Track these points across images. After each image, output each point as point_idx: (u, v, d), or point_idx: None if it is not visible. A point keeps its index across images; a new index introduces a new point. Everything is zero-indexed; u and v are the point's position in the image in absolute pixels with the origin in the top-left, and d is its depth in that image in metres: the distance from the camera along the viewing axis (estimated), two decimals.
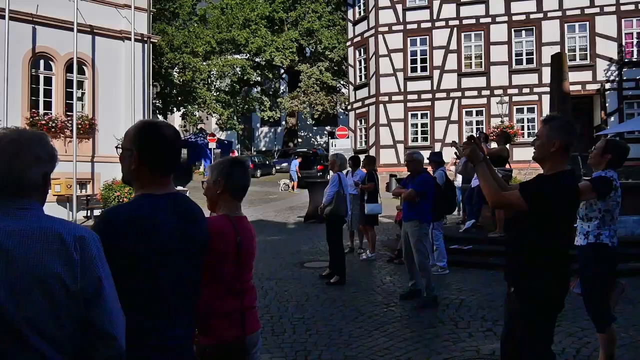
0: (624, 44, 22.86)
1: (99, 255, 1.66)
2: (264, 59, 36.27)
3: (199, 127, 38.35)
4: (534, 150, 3.10)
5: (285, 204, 21.02)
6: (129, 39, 17.25)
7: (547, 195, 2.90)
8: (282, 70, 40.64)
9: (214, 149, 30.23)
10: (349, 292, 7.42)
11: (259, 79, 39.69)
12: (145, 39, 18.01)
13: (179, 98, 32.09)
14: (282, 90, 42.43)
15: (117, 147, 2.13)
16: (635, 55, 22.90)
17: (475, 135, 3.61)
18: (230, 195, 2.64)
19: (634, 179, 19.43)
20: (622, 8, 22.69)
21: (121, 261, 1.81)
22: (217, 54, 33.99)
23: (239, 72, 35.61)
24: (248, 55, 36.26)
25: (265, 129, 46.49)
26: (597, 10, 22.89)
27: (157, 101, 31.69)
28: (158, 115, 31.52)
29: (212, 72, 34.22)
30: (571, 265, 3.10)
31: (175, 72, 32.69)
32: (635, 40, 22.95)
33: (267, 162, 35.32)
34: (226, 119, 34.34)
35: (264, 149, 45.61)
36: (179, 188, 20.43)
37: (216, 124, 37.81)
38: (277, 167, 34.03)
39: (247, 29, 34.61)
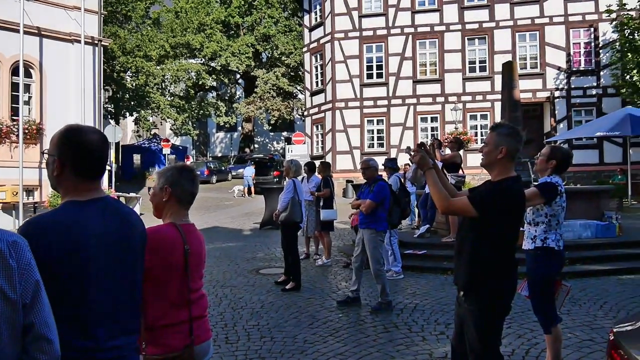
0: (572, 53, 23.68)
1: (32, 258, 1.61)
2: (219, 63, 36.00)
3: (152, 132, 37.74)
4: (482, 157, 3.15)
5: (241, 210, 20.86)
6: (79, 41, 16.84)
7: (494, 201, 2.96)
8: (238, 76, 40.42)
9: (168, 154, 29.80)
10: (304, 299, 7.39)
11: (214, 84, 39.35)
12: (96, 41, 17.62)
13: (132, 103, 31.46)
14: (238, 96, 42.20)
15: (42, 153, 2.07)
16: (582, 65, 23.73)
17: (425, 142, 3.64)
18: (177, 202, 2.56)
19: (582, 184, 20.10)
20: (570, 19, 23.51)
21: (48, 271, 1.74)
22: (171, 58, 33.51)
23: (194, 77, 35.21)
24: (203, 59, 35.89)
25: (221, 134, 46.10)
26: (546, 20, 23.64)
27: (110, 105, 31.02)
28: (110, 120, 30.82)
29: (166, 77, 33.72)
30: (518, 269, 3.17)
31: (128, 76, 32.07)
32: (582, 50, 23.80)
33: (223, 168, 35.02)
34: (181, 124, 33.86)
35: (220, 154, 45.19)
36: (132, 194, 20.03)
37: (170, 129, 37.23)
38: (233, 173, 33.79)
39: (202, 33, 34.25)
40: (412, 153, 3.27)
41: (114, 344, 1.94)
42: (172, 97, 34.89)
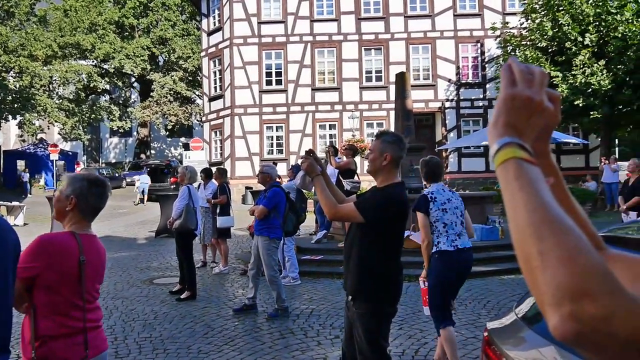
0: (460, 66, 25.03)
1: None
2: (112, 66, 34.52)
3: (39, 137, 35.49)
4: (367, 164, 3.25)
5: (136, 219, 20.11)
6: None
7: (379, 207, 3.05)
8: (133, 79, 39.00)
9: (56, 160, 28.08)
10: (199, 308, 7.25)
11: (107, 86, 37.68)
12: None
13: (15, 105, 29.36)
14: (133, 100, 40.68)
15: None
16: (470, 78, 25.14)
17: (313, 149, 3.70)
18: (79, 214, 2.52)
19: (470, 190, 21.25)
20: (459, 34, 24.87)
21: None
22: (59, 58, 31.65)
23: (85, 79, 33.49)
24: (95, 61, 34.27)
25: (115, 139, 44.18)
26: (438, 34, 24.83)
27: None
28: None
29: (53, 78, 31.82)
30: (404, 272, 3.28)
31: (11, 76, 29.93)
32: (470, 64, 25.23)
33: (117, 175, 33.56)
34: (70, 128, 32.05)
35: (113, 160, 43.27)
36: (15, 203, 18.69)
37: (59, 133, 35.18)
38: (128, 180, 32.45)
39: (94, 33, 32.68)
40: (301, 159, 3.31)
41: None
42: (61, 100, 32.97)
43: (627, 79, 18.04)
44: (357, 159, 12.77)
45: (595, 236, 1.09)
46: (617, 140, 28.22)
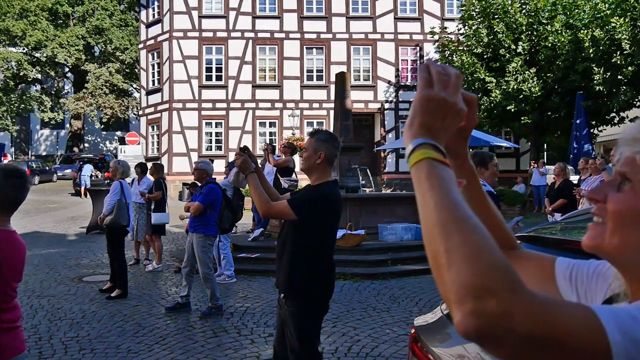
0: (400, 69, 25.48)
1: None
2: (44, 54, 33.12)
3: None
4: (301, 162, 3.25)
5: (67, 214, 19.38)
6: None
7: (313, 204, 3.07)
8: (67, 69, 37.55)
9: None
10: (130, 306, 7.07)
11: (38, 76, 36.11)
12: None
13: None
14: (66, 90, 39.17)
15: None
16: (409, 80, 25.63)
17: (248, 146, 3.61)
18: None
19: (407, 191, 21.65)
20: (399, 37, 25.31)
21: None
22: None
23: (14, 67, 32.00)
24: (25, 49, 32.78)
25: (46, 131, 42.40)
26: (378, 36, 25.18)
27: None
28: None
29: None
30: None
31: None
32: (409, 67, 25.72)
33: (48, 168, 32.23)
34: None
35: (44, 153, 41.54)
36: None
37: None
38: (59, 174, 31.22)
39: (25, 20, 31.27)
40: (235, 156, 3.29)
41: None
42: None
43: (556, 86, 18.88)
44: (296, 157, 12.78)
45: (509, 236, 1.13)
46: (545, 145, 29.47)
